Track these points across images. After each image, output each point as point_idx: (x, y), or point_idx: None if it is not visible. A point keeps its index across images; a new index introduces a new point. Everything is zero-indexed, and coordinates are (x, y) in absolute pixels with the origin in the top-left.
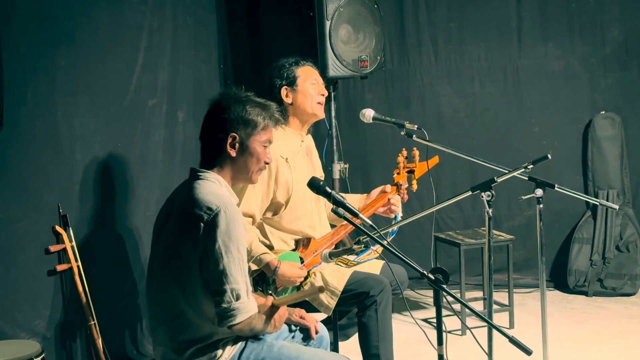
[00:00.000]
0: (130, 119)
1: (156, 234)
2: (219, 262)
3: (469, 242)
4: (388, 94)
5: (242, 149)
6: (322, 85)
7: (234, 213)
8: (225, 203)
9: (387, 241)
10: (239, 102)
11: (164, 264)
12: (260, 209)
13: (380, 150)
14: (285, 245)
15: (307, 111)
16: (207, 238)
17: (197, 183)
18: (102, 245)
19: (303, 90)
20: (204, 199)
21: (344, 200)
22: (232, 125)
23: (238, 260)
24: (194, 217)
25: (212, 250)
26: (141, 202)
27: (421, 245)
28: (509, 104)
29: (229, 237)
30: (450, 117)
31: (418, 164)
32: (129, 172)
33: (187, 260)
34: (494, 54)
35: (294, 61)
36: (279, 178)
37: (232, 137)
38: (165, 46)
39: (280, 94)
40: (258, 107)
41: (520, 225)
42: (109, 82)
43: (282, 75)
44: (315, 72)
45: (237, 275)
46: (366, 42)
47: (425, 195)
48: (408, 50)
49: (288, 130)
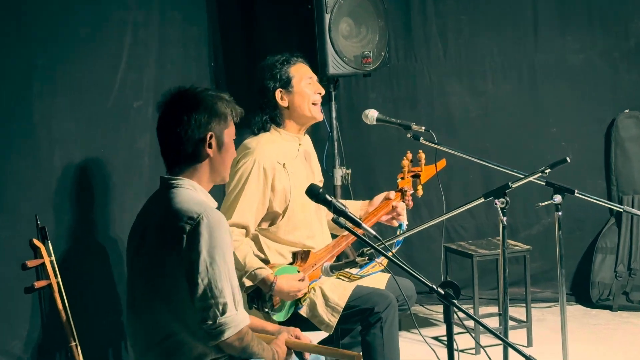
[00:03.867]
0: (114, 121)
1: (132, 254)
2: (204, 275)
3: (482, 253)
4: (393, 93)
5: (218, 146)
6: (317, 83)
7: (217, 219)
8: (206, 209)
9: (392, 252)
10: (203, 97)
11: (147, 284)
12: (255, 219)
13: (385, 154)
14: (282, 259)
15: (305, 114)
16: (191, 250)
17: (172, 193)
18: (84, 259)
19: (299, 92)
20: (184, 209)
21: (346, 208)
22: (207, 122)
23: (224, 270)
24: (176, 229)
25: (197, 262)
26: (126, 212)
27: (430, 256)
28: (524, 102)
29: (213, 246)
30: (460, 117)
31: (424, 168)
32: (112, 180)
33: (173, 276)
34: (508, 48)
35: (284, 59)
36: (276, 185)
37: (209, 135)
38: (151, 43)
39: (274, 97)
40: (222, 99)
41: (538, 235)
42: (91, 82)
43: (275, 77)
44: (308, 69)
45: (224, 287)
46: (369, 36)
47: (434, 202)
48: (415, 45)
49: (284, 133)
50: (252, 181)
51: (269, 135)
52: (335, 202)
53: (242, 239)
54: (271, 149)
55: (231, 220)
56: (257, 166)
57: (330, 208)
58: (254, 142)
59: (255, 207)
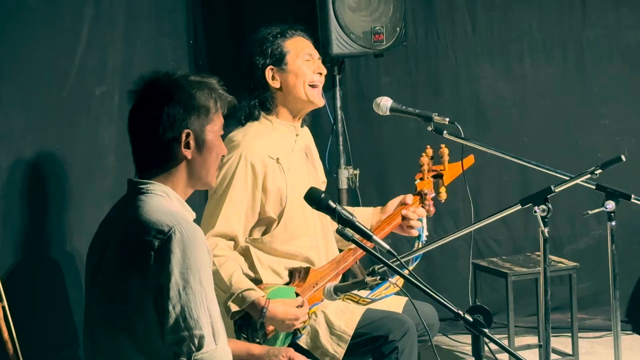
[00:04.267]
0: (72, 112)
1: (92, 272)
2: (176, 301)
3: (518, 272)
4: (411, 77)
5: (198, 146)
6: (318, 61)
7: (192, 233)
8: (180, 221)
9: (409, 270)
10: (181, 88)
11: (107, 312)
12: (245, 227)
13: (400, 151)
14: (277, 278)
15: (300, 97)
16: (160, 271)
17: (140, 200)
18: (35, 279)
19: (294, 70)
20: (152, 220)
21: (353, 217)
22: (183, 118)
23: (200, 296)
24: (142, 244)
25: (167, 286)
26: (86, 221)
27: (456, 276)
28: (570, 88)
29: (188, 266)
30: (493, 106)
31: (447, 166)
32: (70, 182)
33: (138, 303)
34: (551, 23)
35: (279, 32)
36: (268, 185)
37: (185, 134)
38: (116, 16)
39: (264, 76)
40: (204, 88)
41: (586, 249)
42: (43, 65)
43: (266, 52)
44: (308, 43)
45: (200, 316)
46: (381, 8)
47: (460, 209)
48: (437, 19)
49: (277, 122)
50: (239, 181)
51: (258, 125)
52: (340, 210)
53: (228, 253)
54: (261, 142)
55: (215, 229)
56: (243, 163)
57: (335, 216)
58: (239, 135)
59: (244, 213)
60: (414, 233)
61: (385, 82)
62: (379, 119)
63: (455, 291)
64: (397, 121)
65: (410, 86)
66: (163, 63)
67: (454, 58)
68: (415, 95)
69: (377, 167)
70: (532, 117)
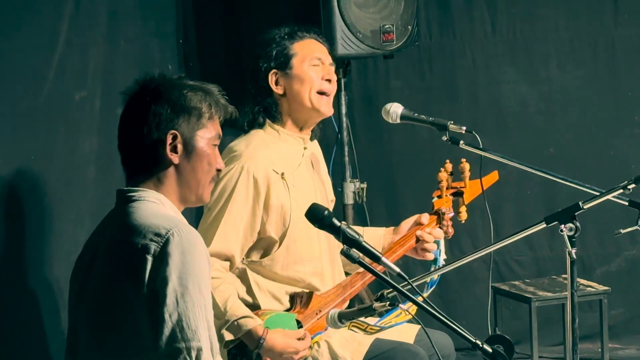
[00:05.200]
0: (48, 119)
1: (76, 292)
2: (173, 309)
3: (543, 297)
4: (424, 81)
5: (186, 151)
6: (329, 67)
7: (192, 237)
8: (177, 224)
9: (423, 297)
10: (171, 87)
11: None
12: (242, 247)
13: (412, 162)
14: (277, 303)
15: (304, 104)
16: (156, 276)
17: (132, 207)
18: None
19: (299, 75)
20: (148, 223)
21: (360, 237)
22: (170, 118)
23: (199, 305)
24: (136, 249)
25: (164, 292)
26: (63, 240)
27: (474, 301)
28: (601, 93)
29: (187, 271)
30: (515, 113)
31: (469, 183)
32: (46, 197)
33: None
34: (579, 21)
35: (287, 33)
36: (271, 202)
37: (171, 135)
38: (98, 14)
39: (267, 80)
40: (199, 91)
41: (618, 272)
42: (16, 67)
43: (270, 55)
44: (320, 47)
45: (199, 327)
46: (391, 5)
47: (479, 227)
48: (453, 17)
49: (283, 132)
50: (239, 195)
51: (263, 134)
52: (345, 229)
53: (223, 275)
54: (265, 154)
55: (210, 248)
56: (245, 175)
57: (339, 236)
58: (242, 144)
59: (242, 231)
60: (430, 257)
61: (395, 87)
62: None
63: (472, 318)
64: (409, 130)
65: (423, 91)
66: (150, 65)
67: (472, 60)
68: (428, 101)
69: (387, 180)
70: (558, 126)
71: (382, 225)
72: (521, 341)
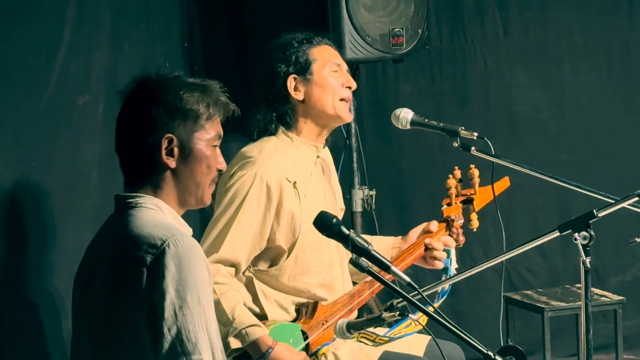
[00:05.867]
0: (51, 125)
1: (79, 299)
2: (172, 322)
3: (556, 306)
4: (434, 86)
5: (183, 154)
6: (347, 74)
7: (188, 246)
8: (174, 233)
9: (434, 307)
10: (167, 88)
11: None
12: (249, 255)
13: (422, 169)
14: (284, 313)
15: (326, 112)
16: (154, 289)
17: (130, 215)
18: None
19: (320, 81)
20: (143, 234)
21: (369, 246)
22: (165, 121)
23: (199, 316)
24: (133, 261)
25: (162, 306)
26: (65, 250)
27: (485, 311)
28: (615, 98)
29: (184, 283)
30: (527, 118)
31: (479, 190)
32: (48, 204)
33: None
34: (593, 24)
35: (304, 38)
36: (282, 211)
37: (167, 139)
38: (102, 17)
39: (285, 85)
40: (196, 91)
41: (634, 281)
42: (18, 71)
43: (289, 59)
44: (336, 53)
45: (199, 339)
46: (401, 8)
47: (490, 236)
48: (464, 20)
49: (297, 140)
50: (251, 202)
51: (277, 141)
52: (354, 237)
53: (229, 281)
54: (279, 161)
55: (218, 254)
56: (258, 182)
57: (348, 245)
58: (255, 150)
59: (251, 239)
60: (439, 265)
61: (405, 91)
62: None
63: (484, 329)
64: (419, 136)
65: (433, 96)
66: (154, 68)
67: (484, 64)
68: (439, 106)
69: (396, 187)
70: (571, 131)
71: (391, 234)
72: (534, 352)
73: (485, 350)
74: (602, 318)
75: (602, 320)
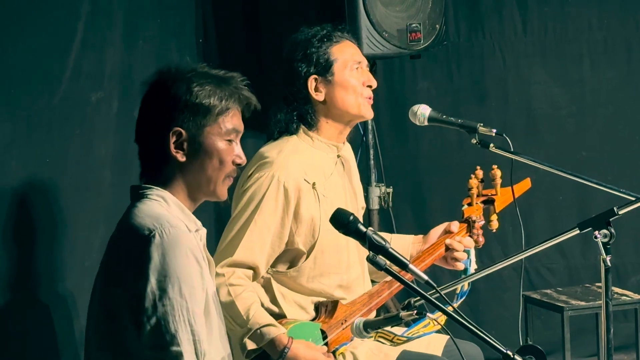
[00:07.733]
0: (64, 121)
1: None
2: (151, 312)
3: (576, 306)
4: (452, 82)
5: (193, 148)
6: (368, 72)
7: (174, 237)
8: (162, 224)
9: (453, 306)
10: (180, 82)
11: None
12: (268, 258)
13: (439, 166)
14: (303, 313)
15: (349, 111)
16: (137, 279)
17: (135, 206)
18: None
19: (342, 82)
20: (136, 224)
21: (387, 244)
22: (173, 116)
23: (180, 308)
24: (122, 251)
25: (142, 296)
26: (78, 247)
27: (504, 310)
28: (635, 95)
29: (166, 273)
30: (546, 115)
31: (500, 190)
32: (60, 202)
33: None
34: (613, 20)
35: (324, 35)
36: (301, 213)
37: (175, 133)
38: (115, 13)
39: (306, 86)
40: (209, 84)
41: None
42: (32, 68)
43: (310, 59)
44: (356, 50)
45: (178, 331)
46: (418, 3)
47: (509, 234)
48: (482, 16)
49: (317, 140)
50: (268, 205)
51: (297, 140)
52: (371, 234)
53: (245, 282)
54: (298, 162)
55: (233, 258)
56: (275, 185)
57: (365, 243)
58: (274, 151)
59: (269, 242)
60: (460, 266)
61: (422, 88)
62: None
63: (503, 328)
64: (437, 132)
65: (451, 92)
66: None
67: (502, 60)
68: (457, 102)
69: (413, 184)
70: (591, 128)
71: (408, 232)
72: (553, 352)
73: (505, 349)
74: (623, 317)
75: (622, 320)
